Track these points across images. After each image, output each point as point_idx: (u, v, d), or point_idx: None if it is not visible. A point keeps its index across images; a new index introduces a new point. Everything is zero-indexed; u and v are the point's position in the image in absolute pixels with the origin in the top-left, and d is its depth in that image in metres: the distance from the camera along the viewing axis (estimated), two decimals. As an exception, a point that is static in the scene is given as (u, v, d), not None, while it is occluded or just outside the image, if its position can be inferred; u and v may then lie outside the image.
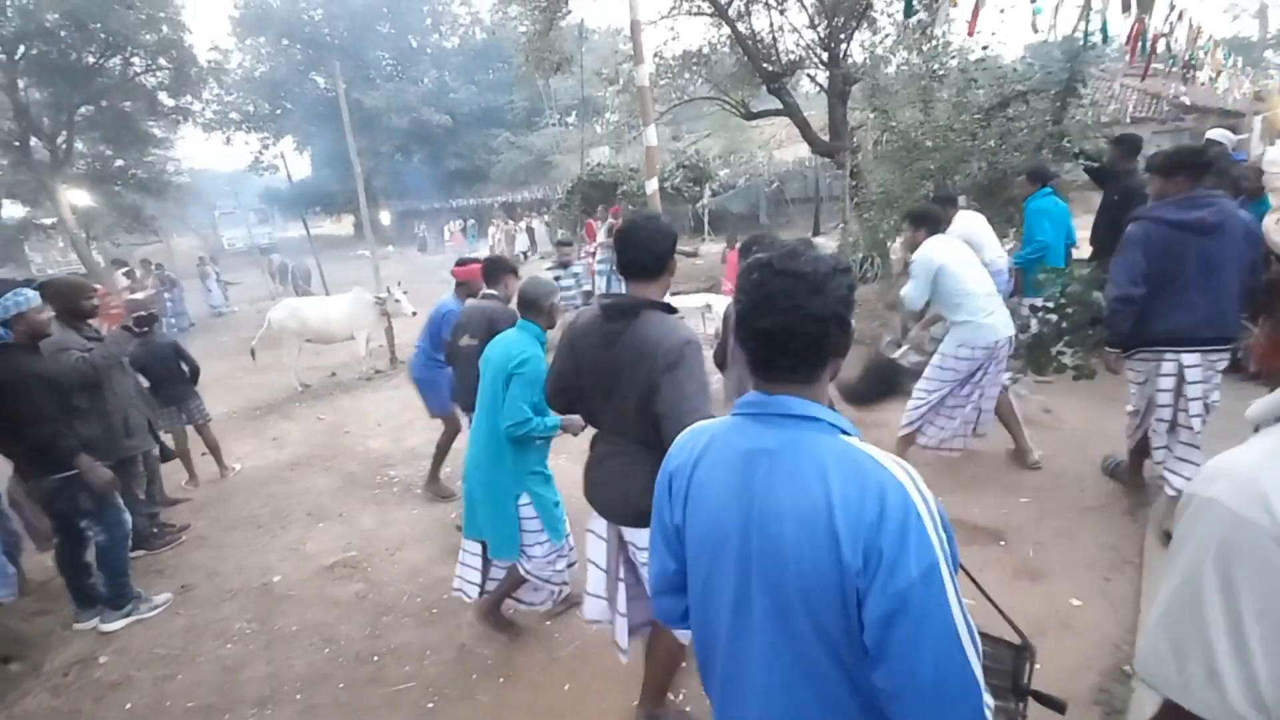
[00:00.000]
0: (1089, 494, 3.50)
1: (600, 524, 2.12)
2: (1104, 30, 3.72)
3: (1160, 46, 4.60)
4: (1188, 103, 12.69)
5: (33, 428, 2.88)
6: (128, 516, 3.28)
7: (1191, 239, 2.81)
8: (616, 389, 1.87)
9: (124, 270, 12.65)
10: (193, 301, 14.27)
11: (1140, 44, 4.25)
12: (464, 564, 2.83)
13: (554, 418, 2.51)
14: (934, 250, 3.50)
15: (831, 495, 0.91)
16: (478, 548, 2.77)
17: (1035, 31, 3.42)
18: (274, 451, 5.71)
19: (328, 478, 4.96)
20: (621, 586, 2.12)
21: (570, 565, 2.77)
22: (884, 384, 3.80)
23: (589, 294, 7.61)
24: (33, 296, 2.96)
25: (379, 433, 5.82)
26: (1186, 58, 5.04)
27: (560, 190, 18.16)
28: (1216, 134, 5.02)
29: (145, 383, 4.48)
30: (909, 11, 3.02)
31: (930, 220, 3.67)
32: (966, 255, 3.58)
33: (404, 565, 3.58)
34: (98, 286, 3.90)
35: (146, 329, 3.61)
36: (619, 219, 10.55)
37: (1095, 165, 5.22)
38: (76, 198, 15.60)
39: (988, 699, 0.90)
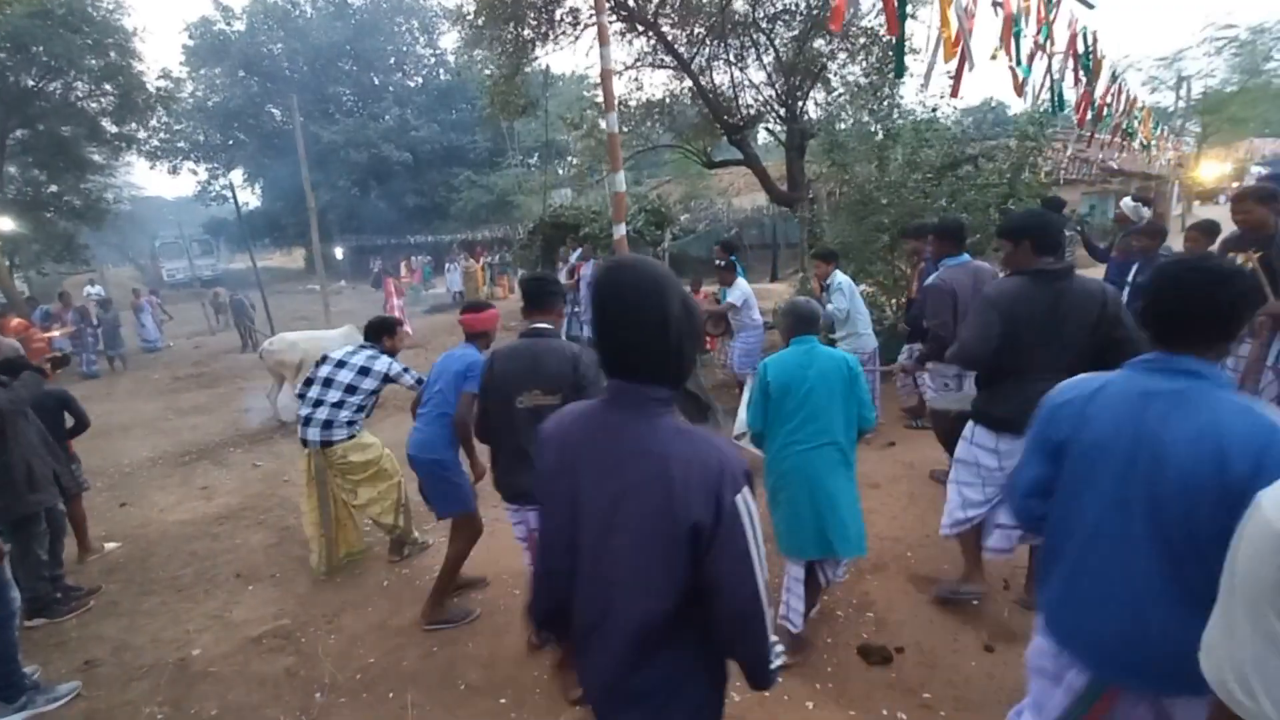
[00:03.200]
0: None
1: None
2: (1060, 98, 3.94)
3: (1103, 114, 4.92)
4: (1115, 167, 13.68)
5: None
6: (15, 594, 2.80)
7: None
8: (1066, 330, 2.44)
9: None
10: (125, 336, 13.44)
11: (1088, 111, 4.54)
12: (792, 593, 2.73)
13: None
14: (846, 277, 5.18)
15: (1221, 425, 1.26)
16: (803, 572, 2.73)
17: (1019, 95, 3.58)
18: (202, 503, 5.26)
19: (261, 533, 4.57)
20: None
21: None
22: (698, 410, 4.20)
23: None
24: None
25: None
26: (1123, 125, 5.41)
27: (522, 230, 18.13)
28: (1126, 205, 5.42)
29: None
30: (899, 71, 3.13)
31: (835, 257, 5.46)
32: None
33: (343, 634, 3.26)
34: (16, 320, 3.55)
35: (59, 371, 3.29)
36: (581, 260, 10.54)
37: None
38: (2, 224, 14.66)
39: None
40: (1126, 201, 5.40)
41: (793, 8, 10.09)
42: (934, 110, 7.25)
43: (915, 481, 4.33)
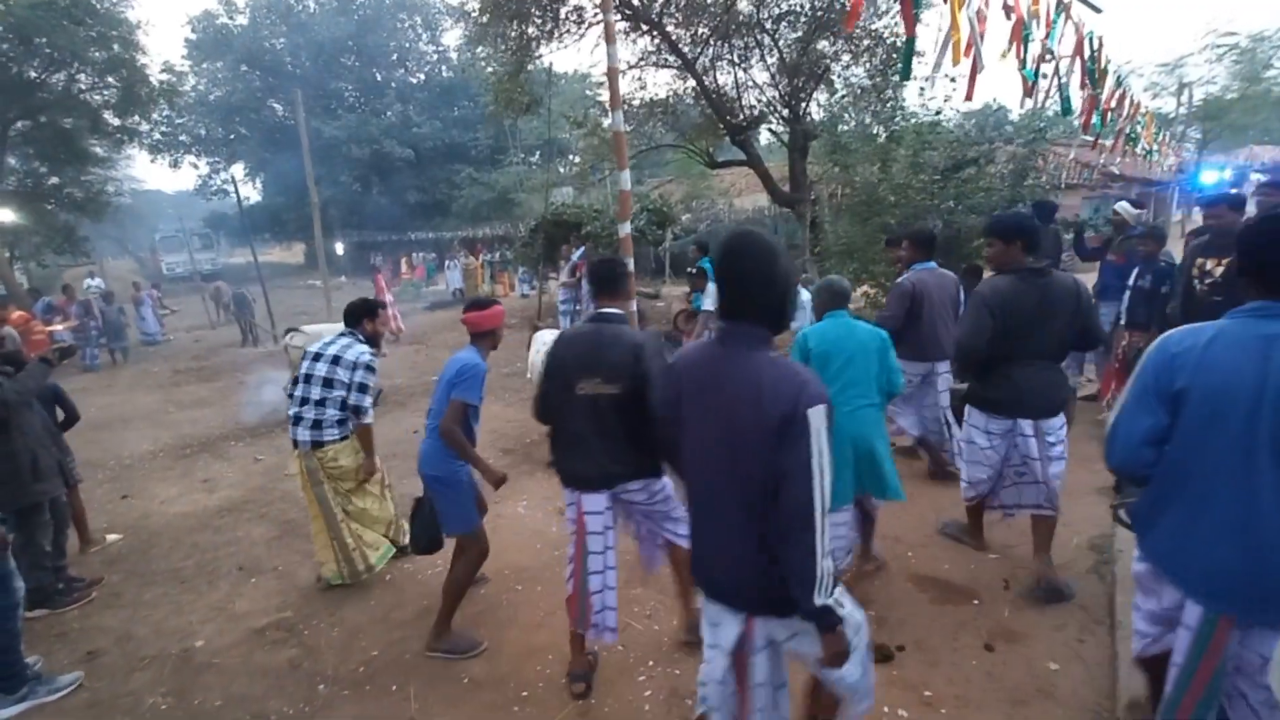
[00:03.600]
0: (1056, 550, 3.50)
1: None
2: (1067, 102, 3.97)
3: (1108, 119, 4.95)
4: (1116, 172, 13.71)
5: None
6: (19, 584, 2.80)
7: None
8: (1050, 322, 2.78)
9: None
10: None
11: (1094, 116, 4.56)
12: (839, 531, 2.93)
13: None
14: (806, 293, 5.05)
15: None
16: (848, 515, 3.00)
17: (1029, 98, 3.60)
18: (204, 496, 5.26)
19: (263, 526, 4.58)
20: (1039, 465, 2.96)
21: None
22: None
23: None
24: None
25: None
26: (1126, 131, 5.44)
27: (523, 228, 18.14)
28: (1121, 207, 5.46)
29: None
30: (906, 74, 3.12)
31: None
32: None
33: (344, 627, 3.27)
34: (17, 313, 3.54)
35: (65, 361, 3.30)
36: (584, 259, 10.55)
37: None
38: (2, 215, 14.64)
39: None
40: (1123, 205, 5.43)
41: (798, 9, 10.10)
42: (938, 113, 7.28)
43: (914, 482, 4.35)
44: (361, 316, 3.55)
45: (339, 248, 30.05)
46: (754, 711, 1.65)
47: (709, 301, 5.81)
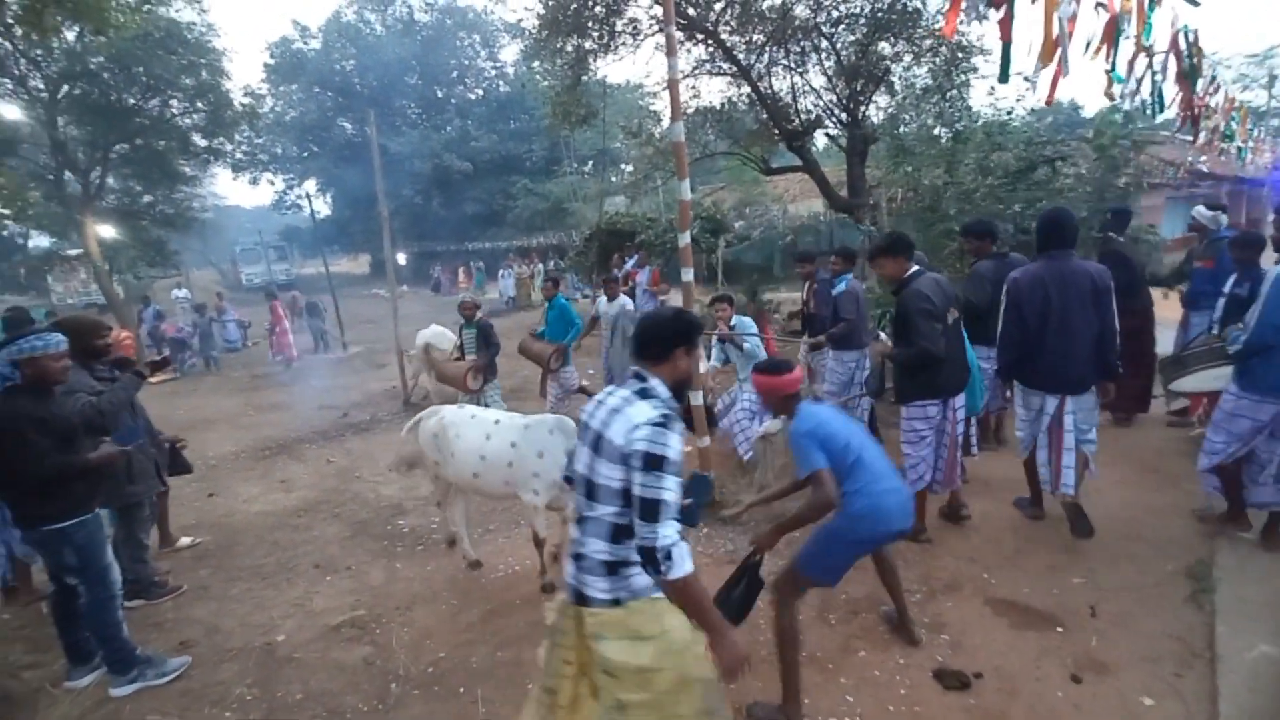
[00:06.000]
0: (1147, 575, 3.28)
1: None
2: (1160, 99, 3.74)
3: (1201, 115, 4.65)
4: (1205, 170, 12.79)
5: (24, 476, 2.72)
6: (117, 576, 3.01)
7: None
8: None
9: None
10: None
11: (1189, 112, 4.29)
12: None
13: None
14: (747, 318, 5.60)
15: None
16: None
17: (1110, 101, 3.44)
18: (281, 495, 5.55)
19: (336, 526, 4.79)
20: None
21: None
22: None
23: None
24: (53, 341, 2.79)
25: (390, 479, 5.65)
26: (1220, 127, 5.09)
27: (577, 237, 18.43)
28: (1197, 212, 5.15)
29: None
30: (1004, 77, 3.01)
31: (731, 301, 5.48)
32: None
33: (414, 628, 3.37)
34: (111, 327, 3.80)
35: (158, 372, 3.54)
36: (637, 266, 10.62)
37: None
38: (104, 231, 15.90)
39: None
40: (1201, 210, 5.12)
41: (857, 11, 9.91)
42: (1008, 113, 6.98)
43: (990, 500, 4.16)
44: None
45: (401, 258, 31.25)
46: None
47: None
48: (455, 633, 3.29)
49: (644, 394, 1.74)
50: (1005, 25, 2.92)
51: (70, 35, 13.08)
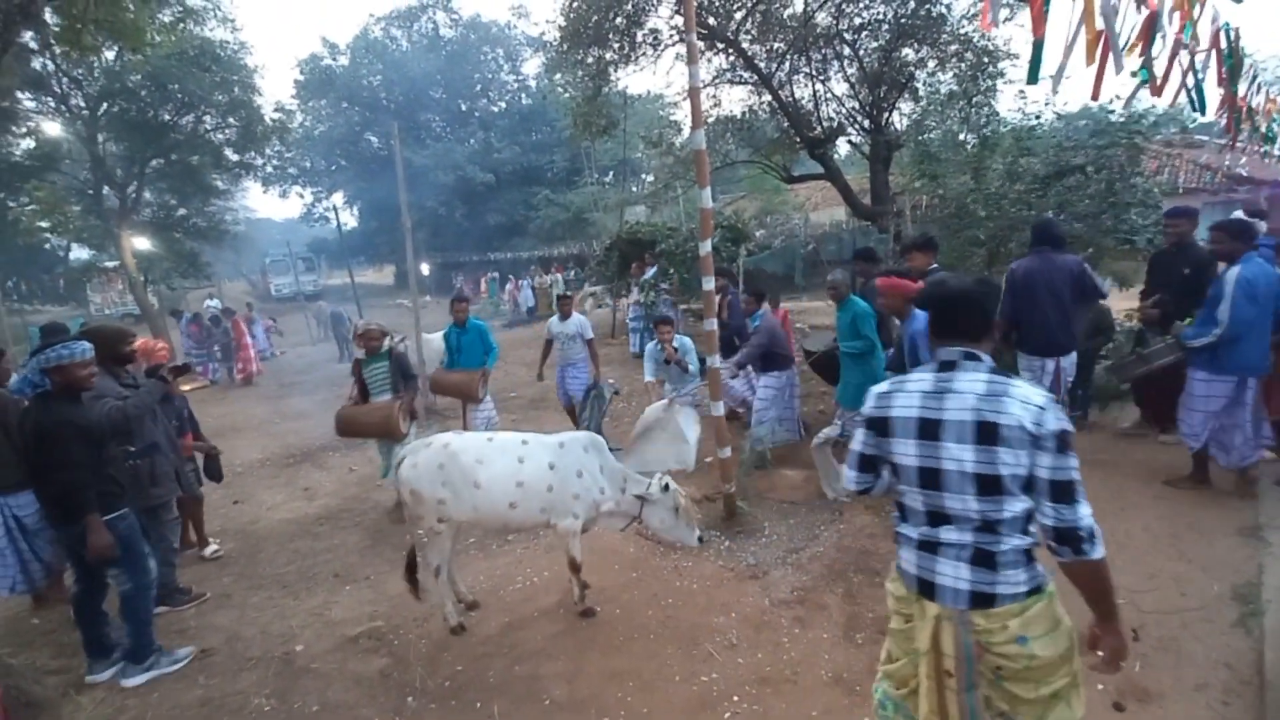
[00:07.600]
0: (1190, 598, 3.13)
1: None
2: (1202, 101, 3.62)
3: (1244, 117, 4.49)
4: (1244, 174, 12.40)
5: (60, 476, 2.87)
6: (153, 564, 3.23)
7: None
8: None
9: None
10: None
11: (1234, 116, 4.15)
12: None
13: None
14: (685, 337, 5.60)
15: None
16: None
17: (1156, 96, 3.34)
18: (304, 503, 5.59)
19: (357, 535, 4.81)
20: None
21: None
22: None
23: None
24: (79, 350, 2.92)
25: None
26: (1263, 129, 4.90)
27: (598, 247, 18.50)
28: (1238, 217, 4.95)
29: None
30: (1033, 78, 2.93)
31: (671, 321, 5.59)
32: None
33: (431, 640, 3.35)
34: (135, 334, 3.88)
35: (180, 378, 3.61)
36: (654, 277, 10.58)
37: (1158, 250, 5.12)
38: (139, 243, 16.40)
39: None
40: (1240, 217, 4.91)
41: (880, 17, 9.83)
42: (1036, 117, 6.83)
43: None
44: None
45: (424, 268, 31.70)
46: None
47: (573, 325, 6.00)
48: (471, 646, 3.25)
49: (995, 372, 1.65)
50: (1038, 22, 2.83)
51: (110, 54, 13.54)
